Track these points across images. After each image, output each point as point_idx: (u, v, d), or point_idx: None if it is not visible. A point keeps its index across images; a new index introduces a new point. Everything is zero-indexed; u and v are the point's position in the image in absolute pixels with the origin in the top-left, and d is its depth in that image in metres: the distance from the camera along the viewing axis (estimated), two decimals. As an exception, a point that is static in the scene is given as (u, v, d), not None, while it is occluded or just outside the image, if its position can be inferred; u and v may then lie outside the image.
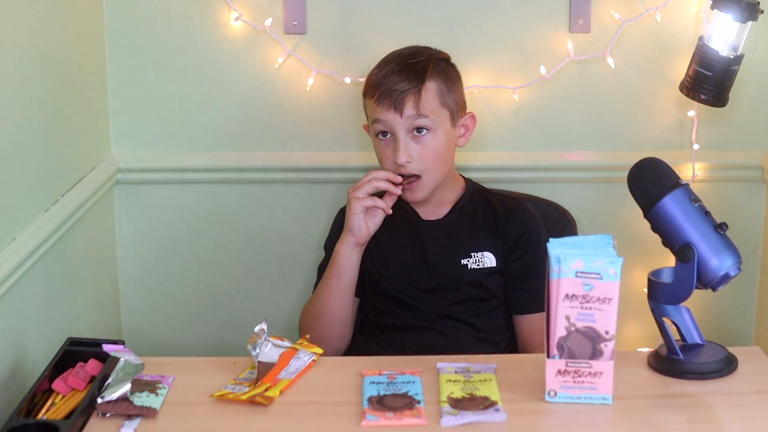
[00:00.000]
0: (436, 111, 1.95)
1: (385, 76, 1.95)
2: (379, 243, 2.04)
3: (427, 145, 1.94)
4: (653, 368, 1.66)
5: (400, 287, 2.02)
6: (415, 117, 1.93)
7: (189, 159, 2.42)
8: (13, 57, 1.81)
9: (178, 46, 2.37)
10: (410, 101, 1.92)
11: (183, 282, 2.50)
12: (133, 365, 1.60)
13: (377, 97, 1.95)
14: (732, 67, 2.12)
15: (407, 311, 2.02)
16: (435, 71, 1.96)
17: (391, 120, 1.94)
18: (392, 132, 1.95)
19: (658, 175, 1.67)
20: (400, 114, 1.92)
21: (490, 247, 1.99)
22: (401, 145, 1.93)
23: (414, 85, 1.93)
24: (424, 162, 1.94)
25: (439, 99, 1.95)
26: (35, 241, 1.85)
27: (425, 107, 1.93)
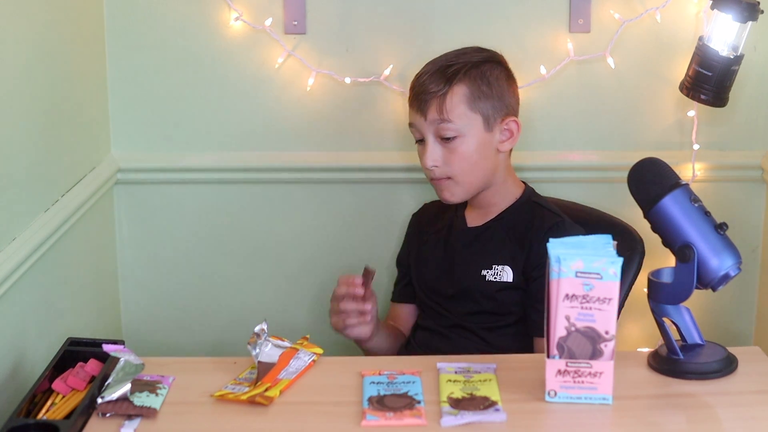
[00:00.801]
0: (464, 116, 1.92)
1: (418, 78, 1.96)
2: (422, 247, 2.08)
3: (455, 150, 1.92)
4: (653, 368, 1.66)
5: (427, 290, 2.05)
6: (438, 121, 1.91)
7: (189, 159, 2.42)
8: (13, 57, 1.81)
9: (178, 46, 2.37)
10: (434, 105, 1.91)
11: (183, 282, 2.50)
12: (133, 365, 1.60)
13: (410, 99, 1.97)
14: (732, 67, 2.12)
15: (430, 314, 2.05)
16: (467, 75, 1.93)
17: (419, 123, 1.94)
18: (422, 135, 1.95)
19: (658, 175, 1.67)
20: (425, 117, 1.92)
21: (511, 261, 1.95)
22: (428, 149, 1.93)
23: (440, 89, 1.92)
24: (453, 167, 1.93)
25: (468, 104, 1.92)
26: (35, 241, 1.85)
27: (450, 112, 1.91)
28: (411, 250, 2.14)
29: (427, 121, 1.92)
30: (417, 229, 2.16)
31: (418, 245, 2.11)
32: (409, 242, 2.16)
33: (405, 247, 2.18)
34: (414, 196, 2.43)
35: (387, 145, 2.41)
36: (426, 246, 2.09)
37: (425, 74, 1.95)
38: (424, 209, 2.19)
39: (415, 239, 2.14)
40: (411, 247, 2.14)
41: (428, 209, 2.18)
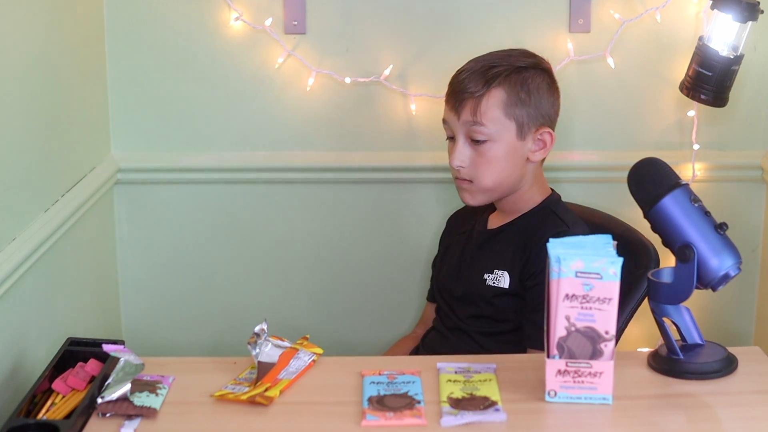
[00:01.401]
0: (498, 121, 1.88)
1: (457, 75, 1.93)
2: (449, 247, 2.09)
3: (483, 153, 1.89)
4: (653, 368, 1.66)
5: (440, 290, 2.06)
6: (471, 123, 1.88)
7: (189, 159, 2.42)
8: (13, 57, 1.81)
9: (178, 46, 2.37)
10: (469, 106, 1.88)
11: (183, 282, 2.50)
12: (133, 365, 1.60)
13: (447, 95, 1.94)
14: (732, 67, 2.12)
15: (440, 314, 2.06)
16: (507, 80, 1.89)
17: (452, 122, 1.92)
18: (453, 134, 1.93)
19: (658, 175, 1.67)
20: (458, 116, 1.89)
21: (510, 267, 1.93)
22: (457, 149, 1.90)
23: (477, 90, 1.88)
24: (478, 170, 1.90)
25: (503, 109, 1.88)
26: (35, 241, 1.85)
27: (484, 115, 1.87)
28: (441, 250, 2.14)
29: (460, 120, 1.89)
30: (448, 230, 2.16)
31: (446, 246, 2.12)
32: (441, 243, 2.16)
33: (439, 248, 2.17)
34: (414, 195, 2.43)
35: (387, 145, 2.41)
36: (451, 247, 2.10)
37: (465, 72, 1.91)
38: (459, 211, 2.17)
39: (445, 240, 2.15)
40: (441, 248, 2.15)
41: (462, 210, 2.15)
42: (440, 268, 2.10)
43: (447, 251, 2.10)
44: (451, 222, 2.17)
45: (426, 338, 2.09)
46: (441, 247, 2.16)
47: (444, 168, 2.37)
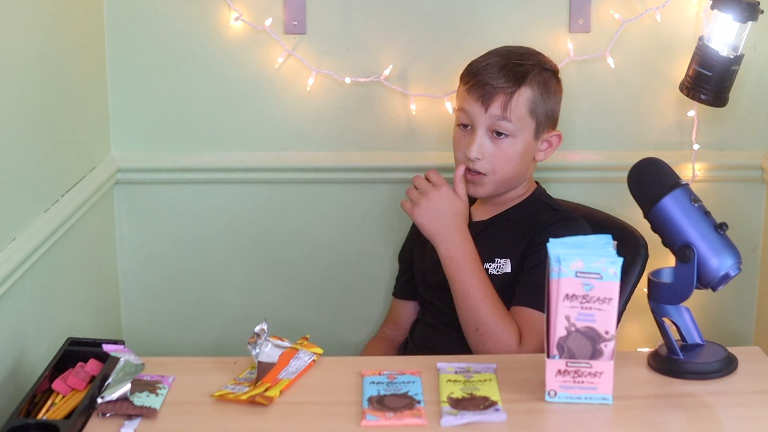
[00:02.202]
0: (522, 118, 1.93)
1: (485, 68, 1.94)
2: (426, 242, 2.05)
3: (502, 148, 1.93)
4: (653, 368, 1.66)
5: (427, 285, 2.05)
6: (499, 118, 1.91)
7: (189, 159, 2.42)
8: (13, 57, 1.81)
9: (177, 46, 2.37)
10: (499, 100, 1.91)
11: (183, 282, 2.50)
12: (133, 365, 1.60)
13: (470, 85, 1.94)
14: (732, 67, 2.12)
15: (430, 309, 2.05)
16: (535, 79, 1.94)
17: (475, 113, 1.93)
18: (473, 125, 1.94)
19: (658, 175, 1.67)
20: (485, 109, 1.91)
21: (512, 253, 1.95)
22: (477, 140, 1.92)
23: (510, 86, 1.91)
24: (494, 164, 1.93)
25: (529, 107, 1.93)
26: (35, 241, 1.85)
27: (513, 112, 1.91)
28: (414, 246, 2.14)
29: (487, 113, 1.91)
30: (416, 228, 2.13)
31: (422, 241, 2.09)
32: (412, 238, 2.16)
33: (407, 243, 2.19)
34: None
35: (387, 145, 2.41)
36: (426, 244, 2.07)
37: (493, 66, 1.93)
38: None
39: (418, 234, 2.11)
40: (414, 243, 2.14)
41: None
42: (422, 264, 2.08)
43: (425, 247, 2.06)
44: None
45: (415, 335, 2.07)
46: (413, 242, 2.14)
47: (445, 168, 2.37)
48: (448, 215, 1.89)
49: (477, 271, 1.89)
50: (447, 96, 2.35)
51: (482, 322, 1.86)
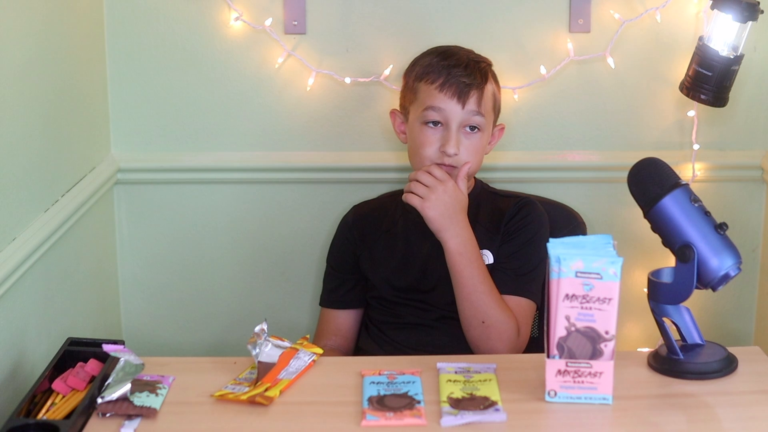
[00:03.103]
0: (488, 113, 2.00)
1: (450, 66, 1.98)
2: (382, 249, 2.06)
3: (474, 143, 1.98)
4: (653, 368, 1.66)
5: (401, 290, 2.03)
6: (474, 113, 1.96)
7: (189, 159, 2.42)
8: (13, 57, 1.81)
9: (178, 46, 2.37)
10: (474, 96, 1.96)
11: (183, 282, 2.50)
12: (133, 365, 1.60)
13: (440, 84, 1.97)
14: (732, 67, 2.12)
15: (409, 311, 2.02)
16: (492, 76, 2.04)
17: (451, 110, 1.96)
18: (446, 122, 1.97)
19: (658, 175, 1.67)
20: (462, 106, 1.96)
21: (488, 245, 1.99)
22: (453, 136, 1.95)
23: (479, 82, 1.98)
24: (468, 157, 1.97)
25: (492, 102, 2.02)
26: (35, 241, 1.85)
27: (484, 106, 1.98)
28: (360, 252, 2.08)
29: (464, 109, 1.96)
30: (359, 232, 2.10)
31: (369, 248, 2.07)
32: (355, 246, 2.10)
33: (347, 251, 2.11)
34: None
35: (387, 145, 2.41)
36: (380, 248, 2.06)
37: (458, 65, 1.98)
38: (361, 213, 2.15)
39: (361, 243, 2.09)
40: (359, 250, 2.08)
41: (364, 211, 2.14)
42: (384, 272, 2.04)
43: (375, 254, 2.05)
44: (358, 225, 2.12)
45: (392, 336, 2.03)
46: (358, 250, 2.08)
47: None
48: (457, 209, 1.91)
49: (483, 265, 1.92)
50: (447, 96, 2.35)
51: (489, 315, 1.89)
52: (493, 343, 1.89)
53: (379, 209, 2.14)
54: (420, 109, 1.99)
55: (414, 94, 2.01)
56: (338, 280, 2.12)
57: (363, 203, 2.20)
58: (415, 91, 2.01)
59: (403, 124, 2.07)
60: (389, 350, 2.01)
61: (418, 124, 1.99)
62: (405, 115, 2.06)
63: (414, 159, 2.02)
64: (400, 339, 2.02)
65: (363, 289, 2.09)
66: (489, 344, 1.89)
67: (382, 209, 2.13)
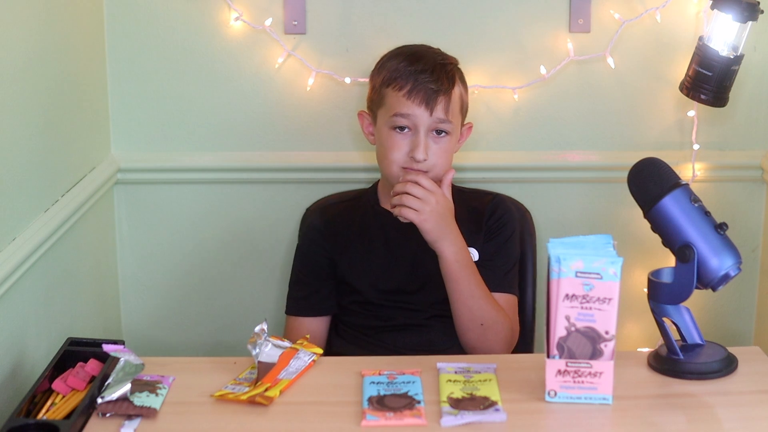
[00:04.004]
0: (456, 116, 1.99)
1: (417, 72, 1.95)
2: (360, 253, 2.04)
3: (442, 146, 1.96)
4: (653, 368, 1.66)
5: (385, 293, 2.02)
6: (441, 120, 1.95)
7: (189, 159, 2.42)
8: (13, 57, 1.81)
9: (178, 46, 2.37)
10: (442, 102, 1.94)
11: (183, 282, 2.50)
12: (133, 365, 1.60)
13: (408, 90, 1.95)
14: (732, 67, 2.12)
15: (399, 312, 2.02)
16: (459, 78, 2.01)
17: (419, 116, 1.94)
18: (414, 128, 1.95)
19: (658, 175, 1.67)
20: (430, 112, 1.94)
21: (471, 242, 1.99)
22: (422, 142, 1.94)
23: (446, 87, 1.95)
24: (436, 161, 1.95)
25: (459, 105, 2.00)
26: (35, 241, 1.85)
27: (451, 111, 1.96)
28: (338, 259, 2.04)
29: (432, 116, 1.94)
30: (332, 238, 2.06)
31: (345, 254, 2.04)
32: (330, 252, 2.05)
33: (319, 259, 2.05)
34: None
35: (387, 145, 2.41)
36: (358, 252, 2.04)
37: (425, 70, 1.95)
38: (327, 217, 2.10)
39: (335, 249, 2.05)
40: (336, 255, 2.04)
41: (331, 215, 2.11)
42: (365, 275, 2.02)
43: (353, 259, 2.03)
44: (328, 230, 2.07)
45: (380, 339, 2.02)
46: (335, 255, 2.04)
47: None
48: (449, 219, 1.91)
49: (476, 269, 1.93)
50: (447, 96, 2.35)
51: (487, 317, 1.90)
52: (490, 344, 1.90)
53: (346, 211, 2.10)
54: (388, 115, 1.97)
55: (381, 99, 1.99)
56: (311, 287, 2.06)
57: (325, 207, 2.16)
58: (383, 96, 1.99)
59: (371, 125, 2.05)
60: (381, 353, 2.00)
61: (387, 129, 1.97)
62: (373, 118, 2.04)
63: (383, 162, 2.00)
64: (394, 341, 2.01)
65: (336, 295, 2.06)
66: (487, 345, 1.90)
67: (350, 211, 2.10)
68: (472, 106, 2.25)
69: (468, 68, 2.33)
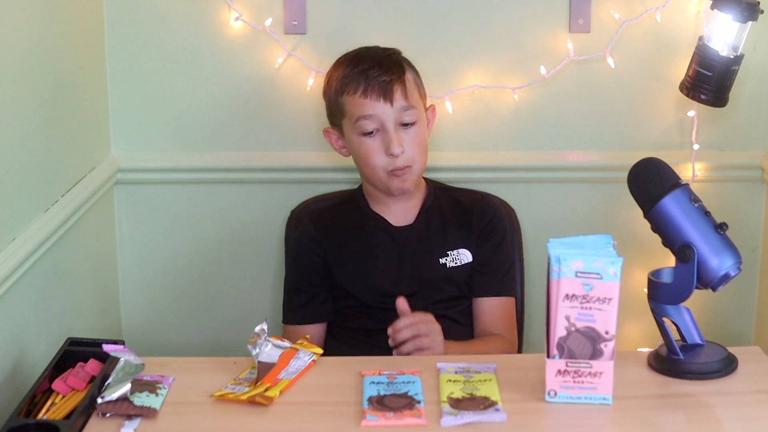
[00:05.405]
0: (417, 101, 1.98)
1: (364, 71, 1.95)
2: (354, 257, 2.04)
3: (414, 136, 1.96)
4: (653, 368, 1.66)
5: (381, 297, 2.01)
6: (405, 108, 1.94)
7: (189, 159, 2.42)
8: (13, 57, 1.81)
9: (178, 45, 2.37)
10: (399, 90, 1.94)
11: (183, 282, 2.50)
12: (133, 365, 1.60)
13: (362, 90, 1.94)
14: (732, 67, 2.12)
15: (393, 315, 2.00)
16: (406, 63, 2.01)
17: (382, 112, 1.93)
18: (382, 125, 1.94)
19: (658, 175, 1.67)
20: (391, 103, 1.93)
21: (463, 243, 2.01)
22: (393, 137, 1.93)
23: (397, 75, 1.95)
24: (413, 152, 1.96)
25: (417, 89, 1.99)
26: (35, 241, 1.85)
27: (411, 97, 1.96)
28: (333, 263, 2.03)
29: (393, 107, 1.93)
30: (325, 243, 2.05)
31: (339, 259, 2.03)
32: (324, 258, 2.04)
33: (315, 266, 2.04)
34: (414, 196, 2.43)
35: (387, 145, 2.41)
36: (352, 256, 2.03)
37: (370, 66, 1.95)
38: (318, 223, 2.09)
39: (329, 254, 2.04)
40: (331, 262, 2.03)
41: (322, 220, 2.09)
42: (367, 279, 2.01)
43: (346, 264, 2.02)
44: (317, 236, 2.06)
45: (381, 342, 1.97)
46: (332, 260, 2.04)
47: (446, 168, 2.37)
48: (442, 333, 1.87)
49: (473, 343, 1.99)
50: (447, 96, 2.35)
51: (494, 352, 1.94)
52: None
53: (337, 216, 2.09)
54: (352, 122, 1.96)
55: (341, 109, 1.99)
56: (307, 295, 2.05)
57: (314, 211, 2.15)
58: (341, 105, 1.98)
59: (339, 139, 2.04)
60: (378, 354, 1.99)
61: (356, 137, 1.97)
62: (339, 131, 2.03)
63: (366, 170, 2.00)
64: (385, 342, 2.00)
65: (332, 300, 2.06)
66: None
67: (341, 215, 2.09)
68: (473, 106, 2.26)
69: (468, 68, 2.34)
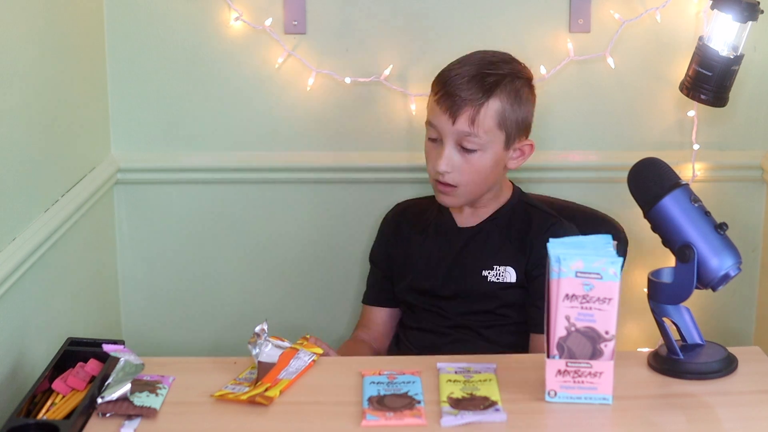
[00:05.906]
0: (491, 131, 1.89)
1: (454, 78, 1.88)
2: (413, 246, 2.05)
3: (471, 162, 1.89)
4: (653, 368, 1.66)
5: (419, 293, 2.02)
6: (466, 133, 1.87)
7: (189, 159, 2.42)
8: (13, 57, 1.81)
9: (178, 46, 2.37)
10: (467, 114, 1.86)
11: (183, 282, 2.50)
12: (133, 365, 1.60)
13: (439, 96, 1.89)
14: (732, 67, 2.12)
15: (425, 316, 2.02)
16: (506, 89, 1.89)
17: (443, 126, 1.88)
18: (441, 138, 1.90)
19: (658, 175, 1.67)
20: (453, 122, 1.87)
21: (513, 262, 1.95)
22: (445, 154, 1.89)
23: (478, 97, 1.86)
24: (464, 176, 1.90)
25: (497, 119, 1.88)
26: (35, 241, 1.85)
27: (480, 125, 1.87)
28: (393, 252, 2.08)
29: (454, 127, 1.87)
30: (395, 230, 2.10)
31: (402, 247, 2.06)
32: (389, 244, 2.10)
33: (383, 249, 2.11)
34: (414, 195, 2.42)
35: (387, 145, 2.41)
36: (412, 248, 2.06)
37: (462, 76, 1.88)
38: (400, 210, 2.14)
39: (396, 241, 2.09)
40: (393, 249, 2.09)
41: (405, 209, 2.14)
42: (409, 272, 2.03)
43: (408, 254, 2.04)
44: (395, 222, 2.11)
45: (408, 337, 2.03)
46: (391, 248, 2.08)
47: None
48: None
49: None
50: (447, 96, 2.35)
51: None
52: None
53: (416, 208, 2.11)
54: (426, 122, 1.95)
55: (428, 105, 1.97)
56: (375, 277, 2.13)
57: (405, 201, 2.17)
58: (428, 101, 1.96)
59: None
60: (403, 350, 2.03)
61: (426, 138, 1.96)
62: None
63: None
64: (412, 340, 2.02)
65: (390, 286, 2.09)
66: None
67: (421, 208, 2.10)
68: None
69: (468, 68, 2.33)
